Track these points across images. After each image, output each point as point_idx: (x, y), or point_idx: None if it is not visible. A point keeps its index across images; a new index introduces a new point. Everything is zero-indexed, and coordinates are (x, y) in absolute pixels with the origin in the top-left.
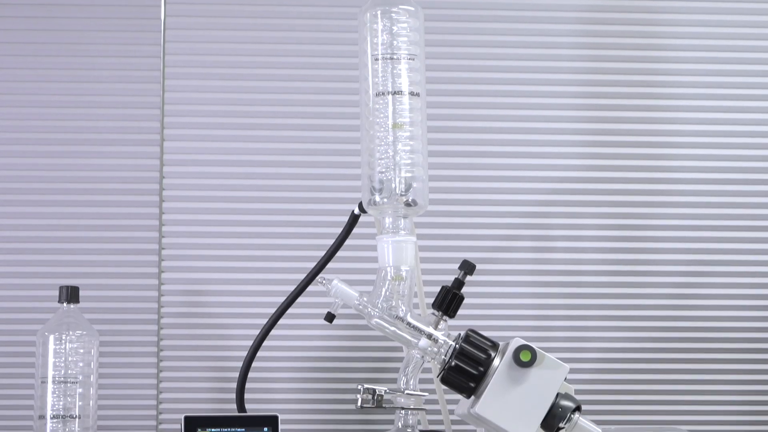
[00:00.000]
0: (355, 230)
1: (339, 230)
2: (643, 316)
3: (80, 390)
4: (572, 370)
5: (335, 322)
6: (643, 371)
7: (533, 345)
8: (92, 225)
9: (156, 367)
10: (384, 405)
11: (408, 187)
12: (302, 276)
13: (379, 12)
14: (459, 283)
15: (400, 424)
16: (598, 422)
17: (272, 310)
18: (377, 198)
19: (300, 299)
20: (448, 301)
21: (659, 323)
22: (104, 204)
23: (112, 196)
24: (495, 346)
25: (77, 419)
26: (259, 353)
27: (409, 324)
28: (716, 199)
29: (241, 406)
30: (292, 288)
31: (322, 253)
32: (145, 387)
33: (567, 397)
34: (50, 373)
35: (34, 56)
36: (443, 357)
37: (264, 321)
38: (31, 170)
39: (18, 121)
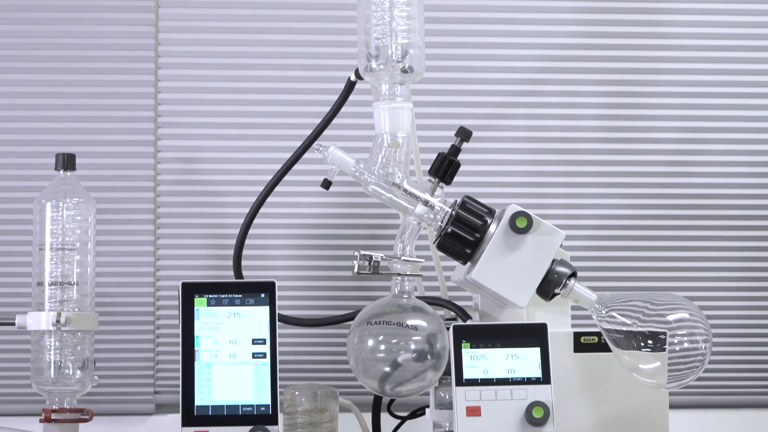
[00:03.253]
0: (352, 97)
1: (335, 97)
2: (640, 183)
3: (78, 257)
4: (568, 237)
5: (332, 188)
6: (639, 238)
7: (529, 211)
8: (88, 92)
9: (153, 235)
10: (380, 271)
11: (404, 54)
12: (299, 143)
13: None
14: (455, 150)
15: (396, 291)
16: (593, 288)
17: (269, 177)
18: (374, 64)
19: (296, 166)
20: (445, 168)
21: (655, 190)
22: (100, 71)
23: (107, 63)
24: (491, 212)
25: (75, 286)
26: (256, 220)
27: (405, 190)
28: (714, 65)
29: (238, 272)
30: (288, 155)
31: (318, 121)
32: (142, 254)
33: (563, 263)
34: (47, 240)
35: None
36: (440, 223)
37: (260, 188)
38: (26, 38)
39: None
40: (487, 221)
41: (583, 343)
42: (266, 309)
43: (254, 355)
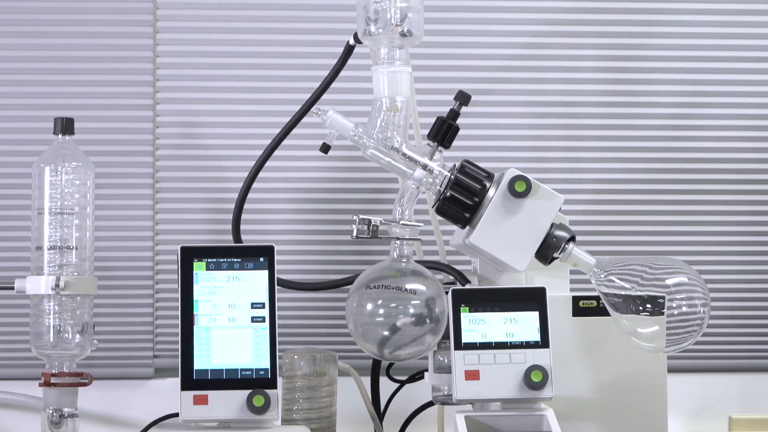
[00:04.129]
0: (351, 61)
1: (334, 61)
2: (639, 147)
3: (77, 221)
4: (567, 201)
5: (330, 153)
6: (638, 202)
7: (528, 175)
8: (86, 56)
9: (152, 199)
10: (379, 235)
11: (403, 17)
12: (297, 107)
13: None
14: (454, 114)
15: (395, 255)
16: (592, 252)
17: (267, 141)
18: (372, 28)
19: (295, 130)
20: (444, 132)
21: (655, 154)
22: (98, 35)
23: (105, 27)
24: (490, 176)
25: (74, 250)
26: (255, 184)
27: (404, 155)
28: (714, 30)
29: (237, 236)
30: (287, 119)
31: (317, 85)
32: (141, 218)
33: (561, 227)
34: (46, 204)
35: None
36: (438, 187)
37: (259, 152)
38: (23, 1)
39: None
40: (486, 185)
41: (582, 307)
42: (265, 273)
43: (253, 319)
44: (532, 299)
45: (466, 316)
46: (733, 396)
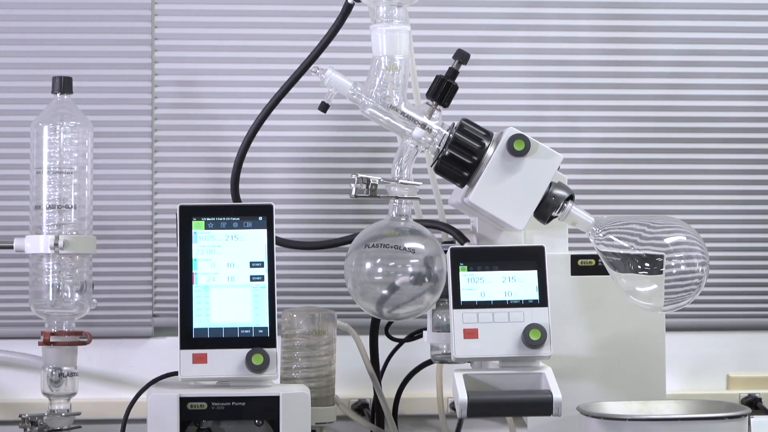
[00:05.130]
0: (349, 20)
1: (333, 20)
2: (638, 106)
3: (75, 180)
4: (566, 160)
5: (329, 111)
6: (636, 161)
7: (527, 134)
8: (85, 15)
9: (150, 158)
10: (378, 194)
11: None
12: (296, 66)
13: None
14: (453, 73)
15: (394, 213)
16: (590, 211)
17: (266, 100)
18: None
19: (294, 89)
20: (443, 91)
21: (653, 113)
22: None
23: None
24: (489, 135)
25: (73, 209)
26: (254, 143)
27: (403, 113)
28: None
29: (235, 195)
30: (286, 78)
31: (316, 43)
32: (139, 177)
33: (560, 186)
34: (45, 163)
35: None
36: (437, 146)
37: (258, 111)
38: None
39: None
40: (485, 144)
41: (581, 266)
42: (264, 232)
43: (252, 278)
44: (531, 258)
45: (464, 275)
46: (731, 354)
